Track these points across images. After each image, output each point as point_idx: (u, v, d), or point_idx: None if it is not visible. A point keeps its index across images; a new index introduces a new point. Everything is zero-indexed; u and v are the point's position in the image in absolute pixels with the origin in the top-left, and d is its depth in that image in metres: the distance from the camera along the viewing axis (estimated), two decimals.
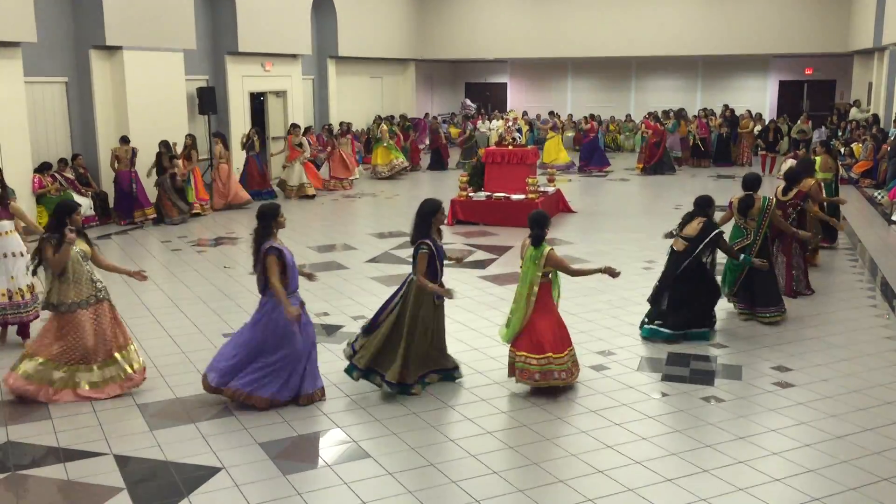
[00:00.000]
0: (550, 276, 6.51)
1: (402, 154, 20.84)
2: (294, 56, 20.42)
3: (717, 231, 7.73)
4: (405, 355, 6.34)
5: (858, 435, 5.72)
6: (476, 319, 8.33)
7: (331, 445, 5.71)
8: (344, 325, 8.35)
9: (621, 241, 12.45)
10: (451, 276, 6.67)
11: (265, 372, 6.14)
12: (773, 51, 26.20)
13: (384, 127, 20.79)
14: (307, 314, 6.32)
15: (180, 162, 14.79)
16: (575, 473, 5.21)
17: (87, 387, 6.40)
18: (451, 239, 12.17)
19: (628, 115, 28.03)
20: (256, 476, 5.22)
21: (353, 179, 19.06)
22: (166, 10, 15.58)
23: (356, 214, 15.78)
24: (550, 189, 14.97)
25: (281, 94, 20.17)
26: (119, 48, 14.73)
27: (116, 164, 14.31)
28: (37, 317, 7.85)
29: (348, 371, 6.57)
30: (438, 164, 22.38)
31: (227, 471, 5.27)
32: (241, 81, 18.57)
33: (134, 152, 14.40)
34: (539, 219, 6.49)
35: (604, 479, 5.13)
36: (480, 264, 10.80)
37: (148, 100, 15.28)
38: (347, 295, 9.25)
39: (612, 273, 6.58)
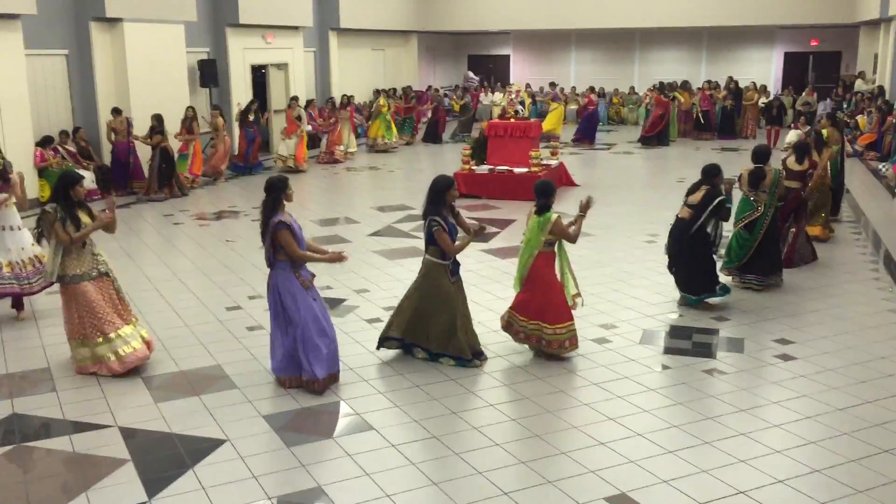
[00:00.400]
0: (556, 247, 6.53)
1: (396, 131, 20.78)
2: (295, 28, 20.26)
3: (720, 198, 7.67)
4: (398, 315, 6.59)
5: (860, 407, 5.74)
6: (479, 293, 8.33)
7: (335, 418, 5.74)
8: (347, 298, 8.36)
9: (624, 214, 12.41)
10: None
11: (311, 354, 6.03)
12: (779, 22, 25.91)
13: (382, 100, 20.71)
14: (315, 289, 6.22)
15: (180, 134, 14.78)
16: (577, 445, 5.24)
17: (124, 352, 6.38)
18: None
19: (632, 88, 27.82)
20: (260, 448, 5.26)
21: (346, 150, 19.00)
22: None
23: (356, 188, 15.74)
24: (553, 162, 14.91)
25: (282, 67, 20.04)
26: (119, 20, 14.63)
27: (114, 136, 14.27)
28: (31, 292, 7.80)
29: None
30: (434, 137, 22.25)
31: (232, 443, 5.31)
32: (242, 54, 18.44)
33: (129, 122, 14.35)
34: (544, 188, 6.53)
35: (606, 450, 5.16)
36: (483, 238, 10.78)
37: (149, 72, 15.21)
38: (350, 269, 9.25)
39: (587, 205, 6.59)
